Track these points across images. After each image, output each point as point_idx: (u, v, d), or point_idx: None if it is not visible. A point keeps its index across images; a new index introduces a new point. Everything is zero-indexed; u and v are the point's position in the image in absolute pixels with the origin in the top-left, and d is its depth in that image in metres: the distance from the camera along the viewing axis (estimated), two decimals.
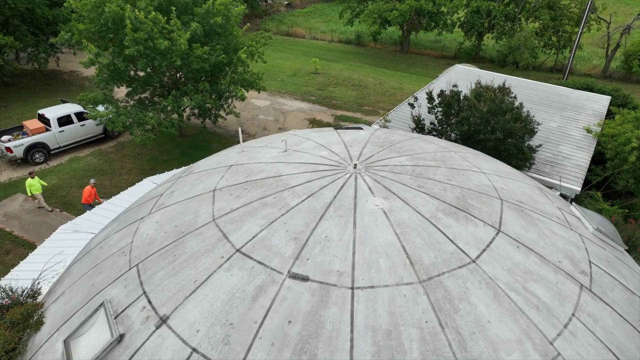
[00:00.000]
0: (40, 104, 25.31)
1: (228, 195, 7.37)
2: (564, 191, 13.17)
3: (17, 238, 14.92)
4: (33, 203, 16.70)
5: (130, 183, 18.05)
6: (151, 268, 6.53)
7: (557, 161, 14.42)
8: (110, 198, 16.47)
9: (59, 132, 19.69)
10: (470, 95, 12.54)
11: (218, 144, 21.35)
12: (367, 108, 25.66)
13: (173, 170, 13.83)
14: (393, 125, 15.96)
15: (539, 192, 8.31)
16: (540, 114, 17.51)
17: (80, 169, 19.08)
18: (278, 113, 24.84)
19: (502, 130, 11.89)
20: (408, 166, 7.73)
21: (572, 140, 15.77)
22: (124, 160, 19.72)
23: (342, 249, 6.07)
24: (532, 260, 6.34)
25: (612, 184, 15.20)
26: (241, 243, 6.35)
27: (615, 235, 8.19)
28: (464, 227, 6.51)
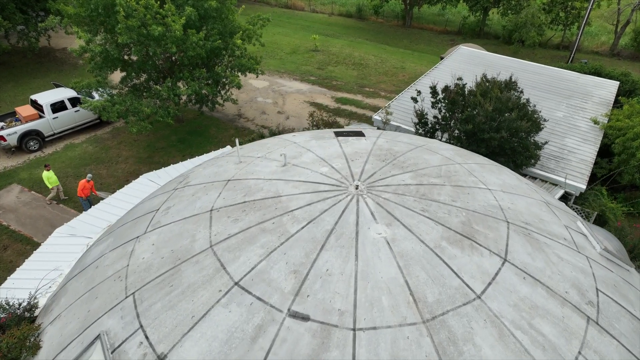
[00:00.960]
0: (33, 85, 24.70)
1: (226, 217, 7.13)
2: (569, 189, 12.93)
3: (15, 233, 14.76)
4: (29, 195, 16.48)
5: (127, 172, 17.82)
6: (148, 299, 6.36)
7: (563, 156, 14.11)
8: (107, 190, 16.28)
9: (53, 118, 19.24)
10: (476, 92, 12.09)
11: (216, 129, 20.94)
12: (368, 89, 25.05)
13: (170, 166, 13.53)
14: (395, 118, 15.54)
15: (545, 208, 8.07)
16: (546, 102, 17.08)
17: (76, 157, 18.75)
18: (277, 95, 24.27)
19: (508, 128, 11.54)
20: (412, 185, 7.46)
21: (578, 132, 15.39)
22: (120, 148, 19.36)
23: (344, 285, 5.89)
24: (539, 293, 6.17)
25: (617, 177, 14.94)
26: (239, 275, 6.16)
27: (622, 252, 8.02)
28: (469, 258, 6.31)
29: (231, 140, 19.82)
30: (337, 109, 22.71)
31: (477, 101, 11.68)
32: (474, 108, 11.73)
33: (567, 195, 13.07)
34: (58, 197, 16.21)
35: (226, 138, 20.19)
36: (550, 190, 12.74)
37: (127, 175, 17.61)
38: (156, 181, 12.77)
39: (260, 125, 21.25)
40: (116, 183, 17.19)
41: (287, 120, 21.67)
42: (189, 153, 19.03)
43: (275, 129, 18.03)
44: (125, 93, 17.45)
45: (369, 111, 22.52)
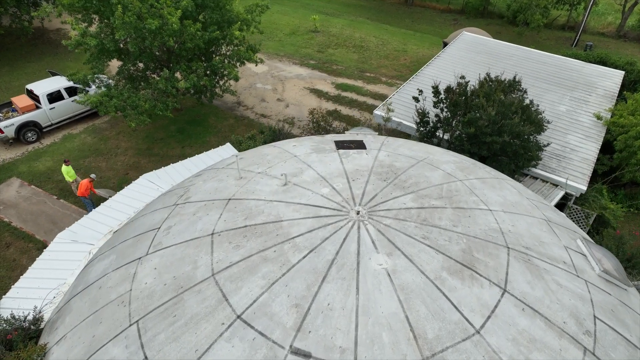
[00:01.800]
0: (28, 69, 24.30)
1: (227, 243, 7.14)
2: (570, 190, 12.92)
3: (17, 230, 14.82)
4: (29, 189, 16.46)
5: (127, 165, 17.75)
6: (152, 328, 6.45)
7: (564, 154, 14.03)
8: (106, 186, 16.24)
9: (50, 109, 19.00)
10: (479, 93, 11.90)
11: (215, 118, 20.73)
12: (368, 75, 24.65)
13: (170, 165, 13.44)
14: (396, 113, 15.35)
15: (546, 227, 8.08)
16: (549, 95, 16.87)
17: (75, 148, 18.62)
18: (276, 81, 23.90)
19: (510, 132, 11.43)
20: (413, 209, 7.44)
21: (581, 127, 15.26)
22: (119, 139, 19.20)
23: (345, 320, 5.96)
24: (537, 325, 6.26)
25: (618, 175, 14.92)
26: (242, 308, 6.23)
27: (620, 270, 8.08)
28: (469, 290, 6.37)
29: (231, 131, 19.68)
30: (338, 96, 22.42)
31: (479, 104, 11.52)
32: (477, 111, 11.57)
33: (568, 195, 13.08)
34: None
35: (225, 128, 20.02)
36: (551, 192, 12.74)
37: (127, 169, 17.57)
38: (156, 182, 12.74)
39: (260, 114, 21.03)
40: (116, 177, 17.17)
41: (287, 109, 21.44)
42: (188, 144, 18.93)
43: (275, 125, 17.83)
44: (122, 85, 17.18)
45: (370, 99, 22.24)
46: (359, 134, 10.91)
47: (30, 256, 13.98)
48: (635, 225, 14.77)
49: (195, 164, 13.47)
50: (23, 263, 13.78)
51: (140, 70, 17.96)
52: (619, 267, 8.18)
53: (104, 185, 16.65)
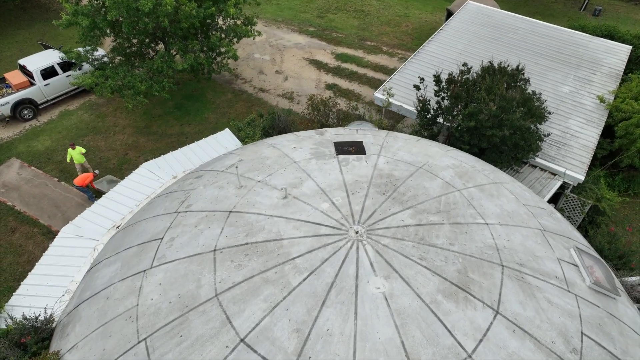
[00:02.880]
0: (19, 37, 23.64)
1: (229, 262, 7.34)
2: (568, 179, 13.01)
3: (20, 214, 15.02)
4: (30, 171, 16.50)
5: (126, 145, 17.70)
6: (159, 347, 6.77)
7: (565, 140, 13.99)
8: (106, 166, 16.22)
9: (45, 85, 18.66)
10: (480, 85, 11.69)
11: (213, 92, 20.39)
12: (369, 44, 23.99)
13: (169, 153, 13.39)
14: (396, 94, 15.12)
15: (541, 238, 8.26)
16: (553, 74, 16.57)
17: (72, 127, 18.48)
18: (275, 50, 23.30)
19: (511, 127, 11.36)
20: (411, 227, 7.58)
21: (583, 111, 15.11)
22: (116, 115, 19.00)
23: (344, 346, 6.25)
24: (526, 346, 6.57)
25: (617, 159, 14.96)
26: (245, 331, 6.51)
27: (610, 279, 8.35)
28: (463, 313, 6.63)
29: (229, 107, 19.45)
30: (337, 67, 21.95)
31: (481, 97, 11.37)
32: (478, 104, 11.44)
33: (566, 183, 13.19)
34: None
35: (224, 103, 19.77)
36: (549, 181, 12.83)
37: (126, 148, 17.53)
38: (156, 172, 12.77)
39: (258, 88, 20.69)
40: (115, 157, 17.17)
41: (285, 82, 21.06)
42: (186, 122, 18.77)
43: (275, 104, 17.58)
44: (117, 64, 16.80)
45: (370, 70, 21.79)
46: (359, 131, 10.85)
47: (35, 241, 14.28)
48: (631, 210, 14.99)
49: (195, 152, 13.45)
50: (29, 249, 14.09)
51: (135, 45, 17.50)
52: (609, 276, 8.44)
53: (104, 167, 16.69)
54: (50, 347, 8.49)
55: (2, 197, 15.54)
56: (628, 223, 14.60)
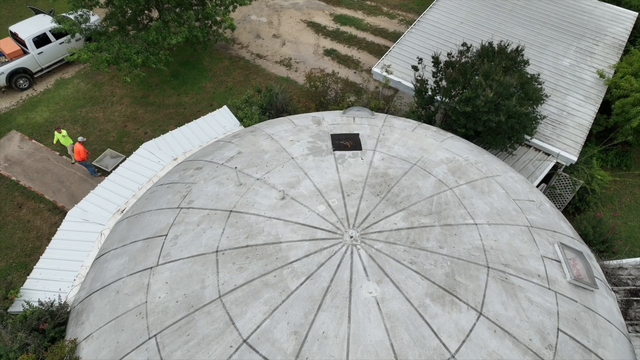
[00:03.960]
0: None
1: (231, 264, 7.79)
2: (561, 160, 13.26)
3: (25, 189, 15.36)
4: (30, 144, 16.66)
5: (125, 116, 17.73)
6: (169, 345, 7.37)
7: (561, 119, 14.07)
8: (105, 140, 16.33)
9: (38, 53, 18.36)
10: (479, 68, 11.62)
11: (209, 59, 20.07)
12: (369, 3, 23.21)
13: (168, 133, 13.48)
14: (395, 69, 14.99)
15: (527, 236, 8.67)
16: (554, 45, 16.32)
17: (69, 97, 18.38)
18: (272, 12, 22.61)
19: (507, 112, 11.45)
20: (403, 230, 7.96)
21: (582, 87, 15.04)
22: (113, 84, 18.83)
23: (338, 349, 6.83)
24: (506, 345, 7.17)
25: (613, 135, 15.12)
26: (247, 333, 7.07)
27: (589, 272, 8.85)
28: (448, 316, 7.17)
29: (226, 75, 19.24)
30: (336, 31, 21.43)
31: (478, 82, 11.35)
32: (475, 89, 11.45)
33: (559, 163, 13.45)
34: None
35: (220, 71, 19.53)
36: (542, 163, 13.09)
37: (125, 120, 17.58)
38: (156, 154, 12.97)
39: (255, 54, 20.33)
40: (115, 129, 17.26)
41: (283, 47, 20.66)
42: (183, 91, 18.66)
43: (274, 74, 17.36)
44: (111, 33, 16.47)
45: (370, 35, 21.30)
46: (355, 119, 10.97)
47: (42, 217, 14.74)
48: (622, 185, 15.35)
49: (194, 132, 13.57)
50: (37, 224, 14.58)
51: (129, 14, 17.05)
52: (589, 269, 8.95)
53: (104, 140, 16.84)
54: (66, 332, 9.13)
55: (6, 172, 15.83)
56: (617, 198, 15.02)
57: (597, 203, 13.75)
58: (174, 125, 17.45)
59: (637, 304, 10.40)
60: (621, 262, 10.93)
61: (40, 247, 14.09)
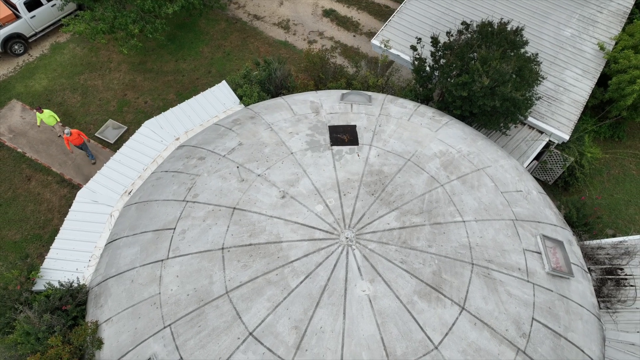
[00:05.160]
0: None
1: (236, 261, 8.47)
2: (553, 138, 13.59)
3: (32, 161, 15.77)
4: (32, 114, 16.82)
5: (124, 84, 17.75)
6: (183, 334, 8.22)
7: (557, 95, 14.20)
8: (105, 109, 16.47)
9: (31, 17, 17.98)
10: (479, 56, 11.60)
11: (205, 21, 19.62)
12: None
13: (169, 110, 13.66)
14: (394, 41, 14.87)
15: (512, 230, 9.29)
16: (556, 13, 16.03)
17: (67, 63, 18.24)
18: None
19: (502, 97, 11.63)
20: (395, 230, 8.56)
21: (581, 59, 15.00)
22: (109, 49, 18.58)
23: (334, 342, 7.68)
24: (484, 336, 8.02)
25: (608, 108, 15.33)
26: (253, 326, 7.89)
27: (567, 262, 9.57)
28: (434, 311, 7.95)
29: (223, 38, 18.96)
30: None
31: (475, 68, 11.42)
32: (472, 75, 11.54)
33: (551, 141, 13.81)
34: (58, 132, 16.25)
35: (217, 34, 19.21)
36: (535, 142, 13.45)
37: (124, 88, 17.61)
38: (159, 133, 13.26)
39: (253, 15, 19.86)
40: (115, 98, 17.35)
41: (280, 7, 20.13)
42: (181, 57, 18.50)
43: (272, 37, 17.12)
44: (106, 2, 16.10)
45: None
46: (353, 106, 11.20)
47: (52, 190, 15.30)
48: (612, 156, 15.76)
49: (194, 109, 13.76)
50: (47, 197, 15.18)
51: None
52: (567, 258, 9.66)
53: (105, 110, 16.99)
54: (87, 312, 10.00)
55: (11, 144, 16.16)
56: (607, 170, 15.51)
57: (584, 179, 14.28)
58: (173, 94, 17.56)
59: (610, 282, 11.27)
60: (600, 242, 11.66)
61: (52, 219, 14.80)
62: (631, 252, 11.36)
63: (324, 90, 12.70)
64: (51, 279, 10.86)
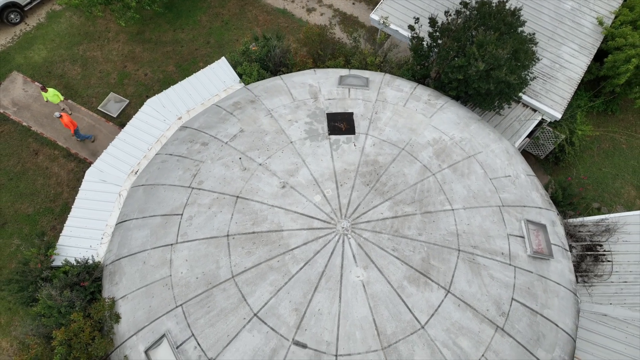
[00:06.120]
0: None
1: (240, 248, 9.16)
2: (546, 116, 13.94)
3: (38, 135, 16.13)
4: (34, 87, 16.99)
5: (123, 56, 17.78)
6: (193, 313, 9.06)
7: (552, 73, 14.37)
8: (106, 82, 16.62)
9: None
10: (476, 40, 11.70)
11: None
12: None
13: (170, 88, 13.89)
14: (392, 15, 14.83)
15: (498, 216, 9.93)
16: None
17: (64, 32, 18.13)
18: None
19: (497, 81, 11.89)
20: (388, 220, 9.19)
21: (580, 34, 15.01)
22: (106, 17, 18.37)
23: (330, 322, 8.52)
24: (466, 316, 8.86)
25: (602, 82, 15.55)
26: (257, 308, 8.71)
27: (548, 244, 10.28)
28: (422, 295, 8.75)
29: (221, 6, 18.75)
30: None
31: (472, 52, 11.58)
32: (468, 59, 11.72)
33: (544, 120, 14.17)
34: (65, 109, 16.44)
35: (215, 1, 18.95)
36: (528, 120, 13.81)
37: (124, 60, 17.67)
38: (161, 112, 13.59)
39: None
40: (115, 70, 17.45)
41: None
42: (179, 27, 18.38)
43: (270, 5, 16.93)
44: None
45: None
46: (351, 91, 11.50)
47: (59, 164, 15.81)
48: (604, 130, 16.14)
49: (195, 87, 13.98)
50: (55, 171, 15.71)
51: None
52: (549, 240, 10.37)
53: (106, 82, 17.15)
54: (103, 288, 10.82)
55: (16, 117, 16.47)
56: (597, 144, 15.97)
57: (574, 155, 14.76)
58: (173, 66, 17.64)
59: (589, 257, 12.07)
60: (583, 219, 12.35)
61: (61, 192, 15.42)
62: (611, 229, 12.08)
63: (323, 71, 12.91)
64: (67, 255, 11.61)
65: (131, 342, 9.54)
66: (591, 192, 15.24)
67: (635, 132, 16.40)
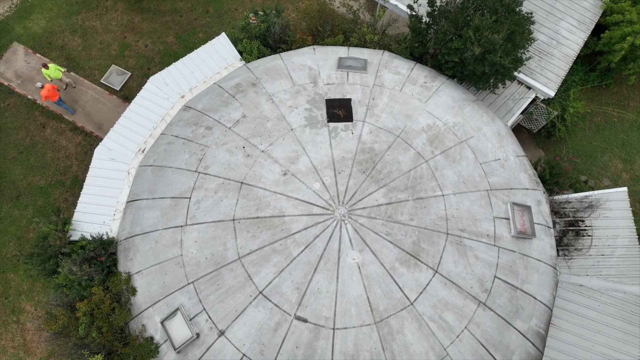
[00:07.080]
0: None
1: (246, 232, 9.93)
2: (540, 94, 14.28)
3: (44, 109, 16.47)
4: (36, 58, 17.12)
5: (122, 26, 17.78)
6: (204, 290, 9.97)
7: (548, 49, 14.54)
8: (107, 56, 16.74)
9: None
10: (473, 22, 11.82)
11: None
12: None
13: (172, 65, 14.13)
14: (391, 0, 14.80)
15: (485, 200, 10.62)
16: None
17: (62, 1, 17.99)
18: None
19: (491, 64, 12.17)
20: (382, 206, 9.89)
21: (579, 9, 15.00)
22: None
23: (329, 300, 9.43)
24: (452, 293, 9.78)
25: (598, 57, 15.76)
26: (262, 286, 9.60)
27: (531, 223, 11.04)
28: (412, 275, 9.61)
29: None
30: None
31: (468, 36, 11.77)
32: (464, 42, 11.93)
33: (538, 97, 14.53)
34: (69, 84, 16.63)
35: None
36: (522, 99, 14.18)
37: (123, 30, 17.67)
38: (164, 90, 13.92)
39: None
40: (115, 41, 17.51)
41: None
42: None
43: None
44: None
45: None
46: (349, 74, 11.84)
47: (67, 137, 16.29)
48: (597, 103, 16.49)
49: (196, 64, 14.19)
50: (63, 144, 16.22)
51: None
52: (532, 221, 11.13)
53: (107, 54, 17.26)
54: (118, 262, 11.68)
55: (21, 90, 16.75)
56: (589, 118, 16.39)
57: (565, 131, 15.24)
58: (173, 37, 17.68)
59: (571, 232, 12.89)
60: (569, 197, 13.06)
61: (71, 166, 16.02)
62: (594, 205, 12.82)
63: (322, 50, 13.13)
64: (82, 230, 12.40)
65: (148, 313, 10.52)
66: (580, 165, 15.85)
67: (628, 105, 16.76)
